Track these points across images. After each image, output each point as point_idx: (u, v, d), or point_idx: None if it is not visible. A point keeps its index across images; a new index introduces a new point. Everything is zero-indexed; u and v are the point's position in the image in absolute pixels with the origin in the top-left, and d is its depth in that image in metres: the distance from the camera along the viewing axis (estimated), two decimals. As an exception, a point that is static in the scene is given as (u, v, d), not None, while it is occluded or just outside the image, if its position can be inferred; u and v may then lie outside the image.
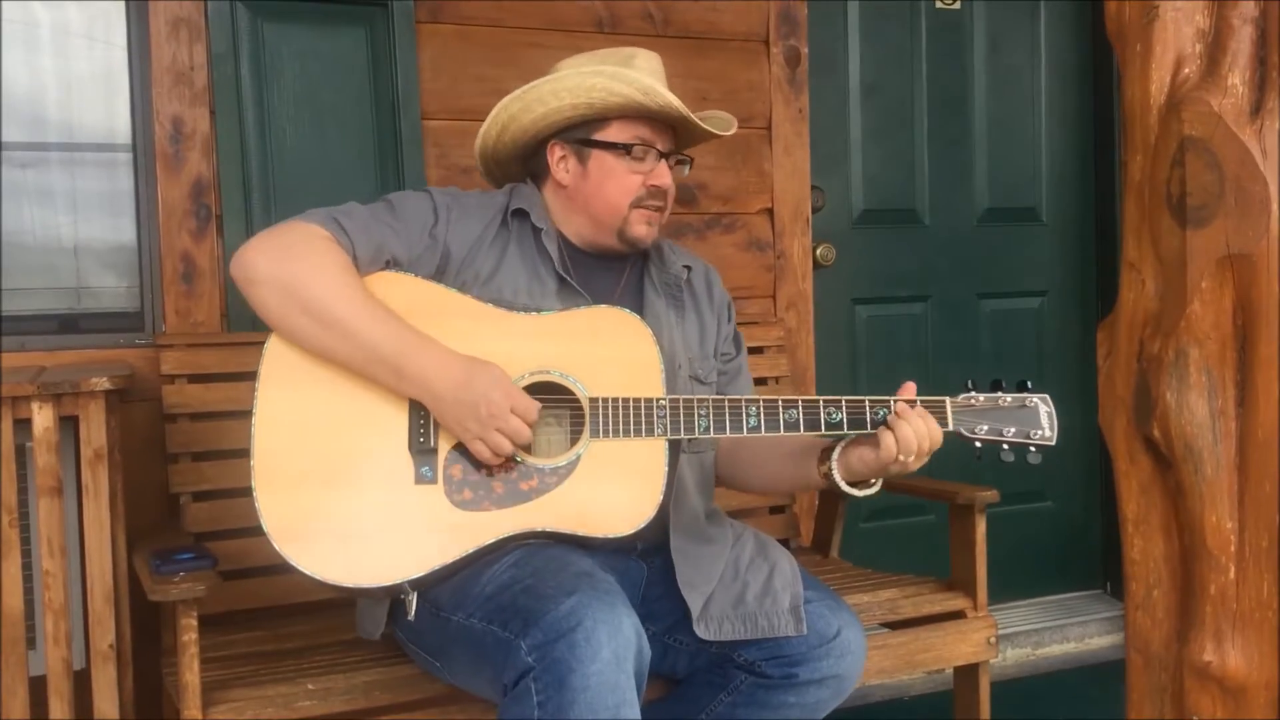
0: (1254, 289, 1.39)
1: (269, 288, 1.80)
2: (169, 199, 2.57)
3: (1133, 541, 1.56)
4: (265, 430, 1.80)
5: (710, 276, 2.20)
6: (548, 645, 1.62)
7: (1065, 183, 3.73)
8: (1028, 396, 1.84)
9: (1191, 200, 1.40)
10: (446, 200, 1.98)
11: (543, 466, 1.83)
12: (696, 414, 1.84)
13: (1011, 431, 1.82)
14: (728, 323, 2.19)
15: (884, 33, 3.46)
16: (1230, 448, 1.43)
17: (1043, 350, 3.72)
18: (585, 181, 1.99)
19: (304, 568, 1.76)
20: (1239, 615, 1.43)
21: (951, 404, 1.86)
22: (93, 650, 2.07)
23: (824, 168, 3.32)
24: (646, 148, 1.98)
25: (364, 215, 1.90)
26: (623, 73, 1.92)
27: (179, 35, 2.56)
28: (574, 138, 1.99)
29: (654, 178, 1.99)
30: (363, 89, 2.70)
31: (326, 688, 1.96)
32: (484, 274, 1.94)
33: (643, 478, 1.83)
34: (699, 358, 2.08)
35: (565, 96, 1.94)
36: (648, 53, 2.01)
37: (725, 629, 1.94)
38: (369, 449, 1.81)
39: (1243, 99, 1.39)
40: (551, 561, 1.78)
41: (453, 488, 1.81)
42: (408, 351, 1.79)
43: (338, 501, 1.79)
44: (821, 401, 1.85)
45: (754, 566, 2.00)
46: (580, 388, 1.85)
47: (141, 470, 2.42)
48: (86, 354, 2.50)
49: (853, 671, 1.97)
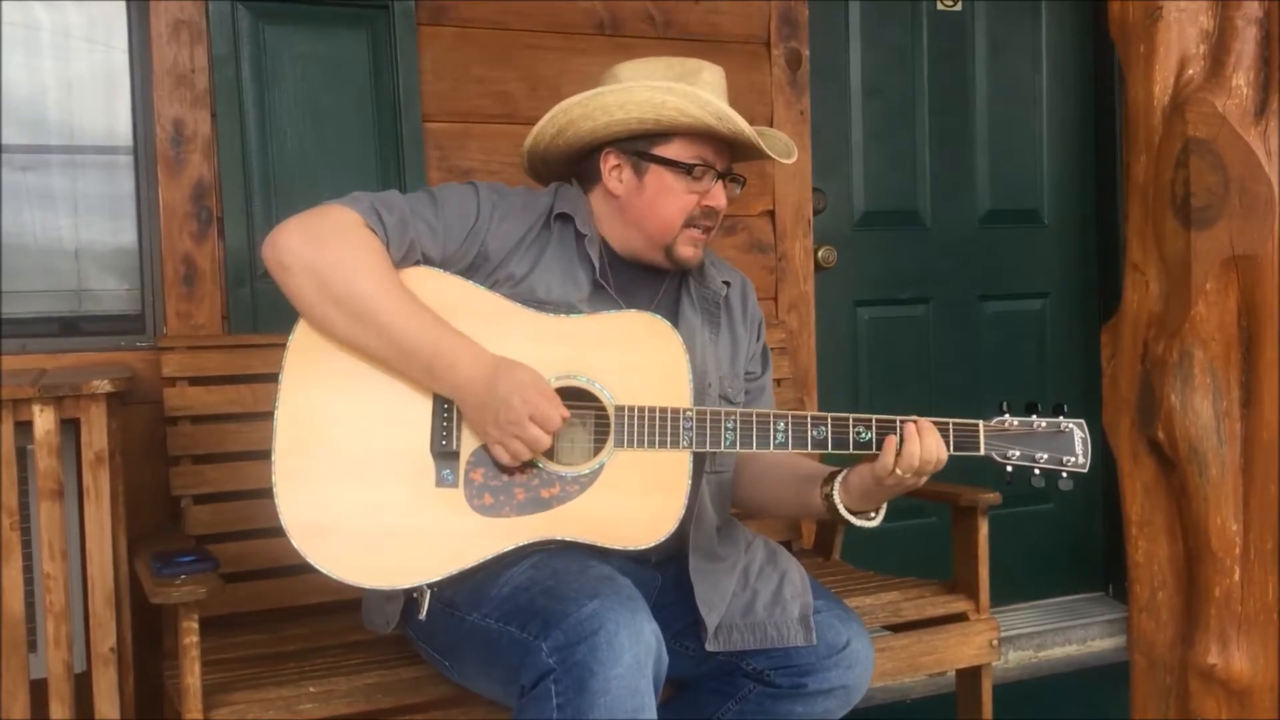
0: (1259, 290, 1.39)
1: (302, 275, 1.77)
2: (170, 201, 2.56)
3: (1136, 544, 1.56)
4: (287, 426, 1.79)
5: (747, 291, 2.16)
6: (569, 648, 1.61)
7: (1067, 184, 3.72)
8: (1063, 422, 1.81)
9: (1196, 201, 1.40)
10: (492, 198, 1.93)
11: (565, 474, 1.82)
12: (724, 427, 1.82)
13: (1045, 458, 1.81)
14: (757, 340, 2.16)
15: (885, 34, 3.46)
16: (1235, 450, 1.42)
17: (1044, 352, 3.71)
18: (639, 196, 1.94)
19: (320, 566, 1.76)
20: (1244, 618, 1.42)
21: (985, 428, 1.83)
22: (93, 653, 2.06)
23: (825, 170, 3.32)
24: (706, 168, 1.93)
25: (403, 209, 1.85)
26: (695, 94, 1.86)
27: (180, 37, 2.56)
28: (632, 149, 1.94)
29: (710, 198, 1.95)
30: (364, 91, 2.70)
31: (328, 690, 1.95)
32: (518, 275, 1.90)
33: (665, 491, 1.81)
34: (729, 376, 2.05)
35: (633, 110, 1.88)
36: (713, 67, 1.96)
37: (735, 639, 1.93)
38: (390, 450, 1.80)
39: (1247, 100, 1.39)
40: (571, 564, 1.77)
41: (473, 492, 1.80)
42: (441, 350, 1.77)
43: (358, 502, 1.78)
44: (851, 419, 1.82)
45: (764, 575, 1.99)
46: (606, 394, 1.83)
47: (143, 473, 2.42)
48: (87, 356, 2.50)
49: (860, 682, 1.96)
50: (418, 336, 1.77)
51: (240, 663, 2.11)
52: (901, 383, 3.52)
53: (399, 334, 1.77)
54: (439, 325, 1.79)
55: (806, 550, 2.86)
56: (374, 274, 1.78)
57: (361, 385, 1.81)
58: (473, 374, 1.77)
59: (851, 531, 2.96)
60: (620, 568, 1.84)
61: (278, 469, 1.77)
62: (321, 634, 2.26)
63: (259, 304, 2.59)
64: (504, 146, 2.81)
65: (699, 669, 1.99)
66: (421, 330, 1.78)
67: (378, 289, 1.77)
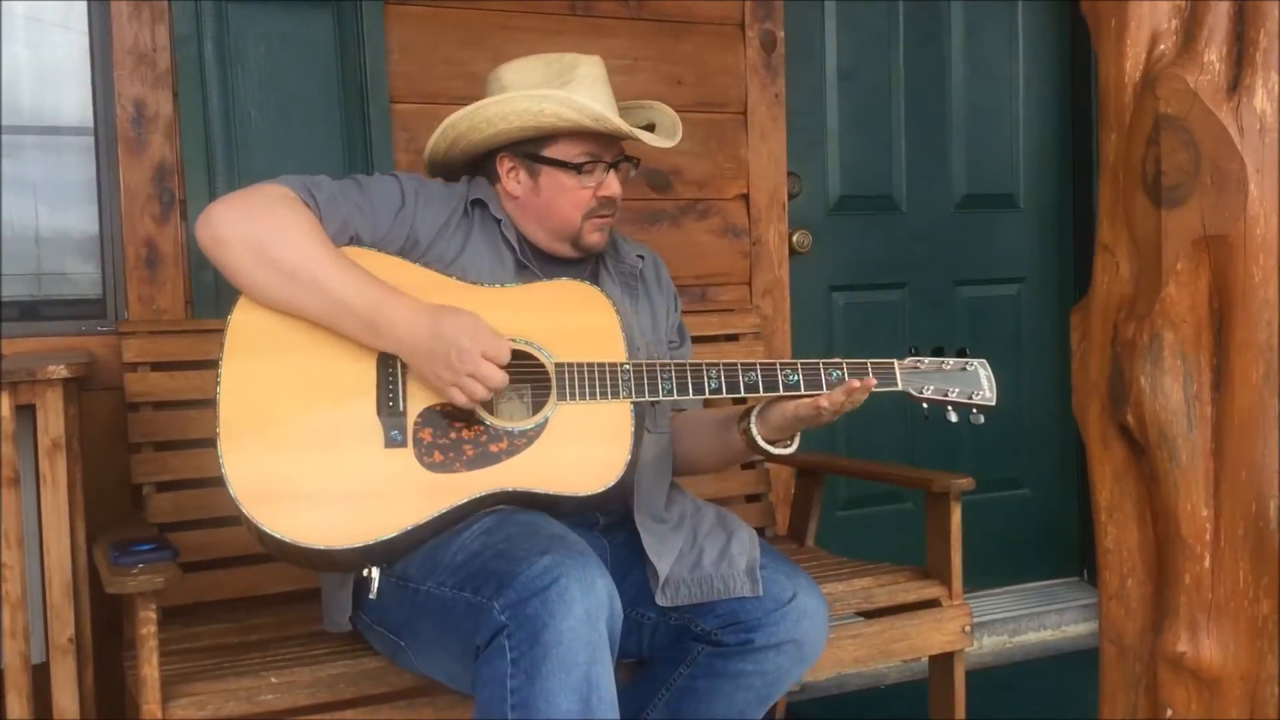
0: (1230, 271, 1.37)
1: (240, 246, 1.80)
2: (131, 183, 2.52)
3: (1106, 530, 1.54)
4: (231, 399, 1.79)
5: (659, 267, 2.24)
6: (521, 603, 1.64)
7: (1043, 169, 3.71)
8: (967, 361, 1.98)
9: (1166, 180, 1.37)
10: (414, 185, 1.99)
11: (512, 429, 1.85)
12: (660, 376, 1.88)
13: (955, 392, 1.95)
14: (675, 311, 2.24)
15: (861, 17, 3.43)
16: (1205, 433, 1.40)
17: (1020, 337, 3.70)
18: (536, 196, 2.02)
19: (275, 530, 1.74)
20: (1214, 605, 1.41)
21: (899, 365, 1.97)
22: (51, 644, 2.03)
23: (800, 154, 3.29)
24: (595, 162, 2.01)
25: (332, 189, 1.91)
26: (569, 99, 1.93)
27: (141, 15, 2.51)
28: (523, 151, 2.02)
29: (603, 189, 2.02)
30: (330, 72, 2.65)
31: (290, 681, 1.92)
32: (448, 257, 1.97)
33: (610, 438, 1.86)
34: (653, 342, 2.13)
35: (514, 120, 1.97)
36: (589, 59, 2.03)
37: (682, 594, 1.96)
38: (337, 414, 1.81)
39: (1219, 76, 1.37)
40: (523, 527, 1.79)
41: (423, 450, 1.82)
42: (380, 304, 1.80)
43: (308, 467, 1.78)
44: (779, 364, 1.91)
45: (712, 535, 2.03)
46: (545, 354, 1.88)
47: (104, 460, 2.38)
48: (48, 342, 2.45)
49: (810, 637, 1.96)
50: (357, 294, 1.80)
51: (202, 653, 2.08)
52: (877, 368, 3.49)
53: (339, 293, 1.80)
54: (376, 283, 1.82)
55: (781, 537, 2.84)
56: (310, 237, 1.82)
57: (303, 354, 1.83)
58: (414, 323, 1.80)
59: (827, 518, 2.98)
60: None
61: (223, 441, 1.76)
62: (286, 624, 2.22)
63: (222, 288, 2.53)
64: (473, 128, 2.77)
65: (653, 639, 2.01)
66: (359, 287, 1.81)
67: (313, 250, 1.81)
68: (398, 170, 2.58)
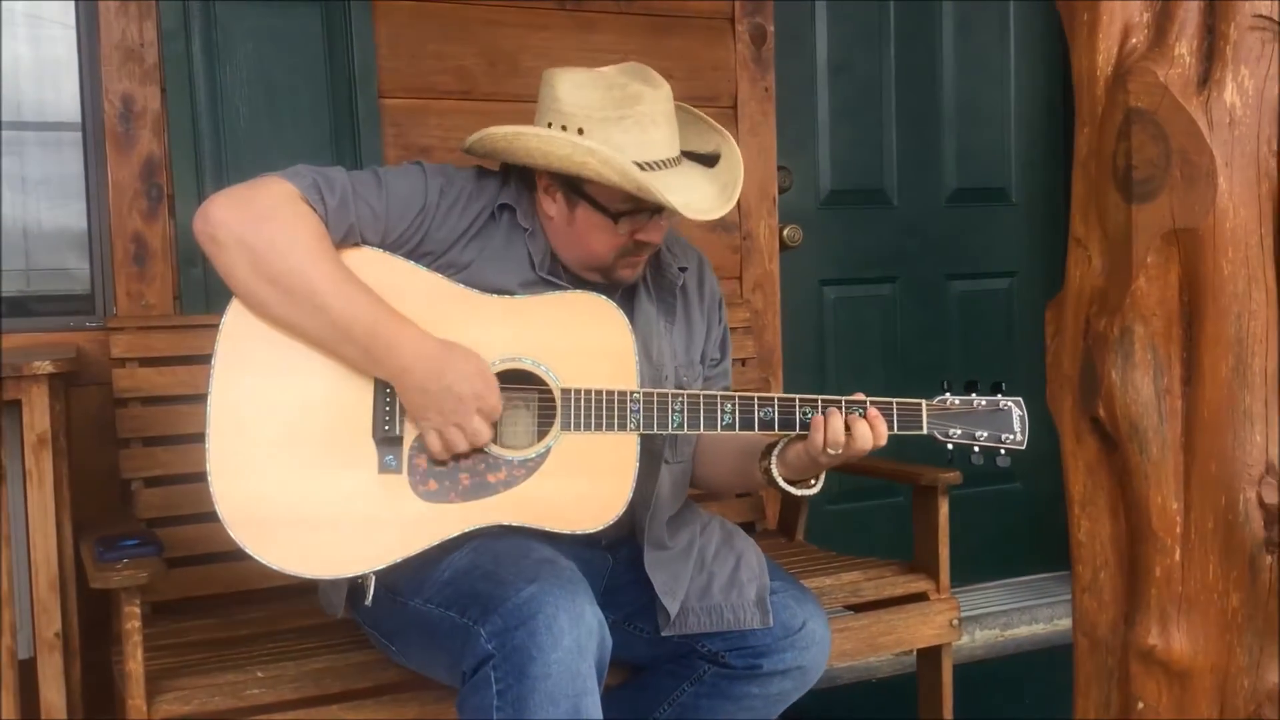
0: (1200, 264, 1.37)
1: (236, 251, 1.69)
2: (119, 179, 2.52)
3: (1079, 523, 1.54)
4: (221, 414, 1.73)
5: (704, 271, 2.10)
6: (508, 632, 1.59)
7: (1035, 163, 3.70)
8: (1001, 400, 1.86)
9: (1137, 174, 1.37)
10: (439, 183, 1.85)
11: (511, 459, 1.78)
12: (671, 409, 1.78)
13: (984, 435, 1.85)
14: (718, 325, 2.10)
15: (852, 11, 3.43)
16: (1176, 427, 1.41)
17: (1011, 331, 3.70)
18: (571, 225, 1.86)
19: (261, 557, 1.71)
20: (1184, 598, 1.41)
21: (927, 407, 1.84)
22: (38, 640, 2.03)
23: (791, 148, 3.29)
24: (636, 212, 1.83)
25: (346, 189, 1.77)
26: (615, 160, 1.75)
27: (128, 12, 2.51)
28: (563, 179, 1.84)
29: (642, 234, 1.85)
30: (318, 67, 2.65)
31: (276, 675, 1.93)
32: (461, 263, 1.84)
33: (612, 475, 1.78)
34: (685, 365, 2.00)
35: (554, 161, 1.80)
36: (654, 93, 1.82)
37: (691, 622, 1.91)
38: (331, 436, 1.75)
39: (1190, 69, 1.37)
40: (513, 548, 1.74)
41: (418, 478, 1.76)
42: (380, 332, 1.71)
43: (298, 492, 1.73)
44: (797, 400, 1.80)
45: (720, 558, 1.97)
46: (552, 376, 1.79)
47: (93, 456, 2.38)
48: (36, 337, 2.45)
49: (816, 663, 1.95)
50: (357, 318, 1.71)
51: (189, 648, 2.08)
52: (867, 362, 3.50)
53: (337, 315, 1.71)
54: (379, 307, 1.73)
55: (770, 531, 2.85)
56: (311, 251, 1.71)
57: (298, 370, 1.75)
58: (416, 357, 1.72)
59: (816, 512, 2.98)
60: (570, 551, 1.82)
61: (212, 461, 1.71)
62: (273, 618, 2.23)
63: (211, 284, 2.54)
64: (463, 124, 2.74)
65: (653, 651, 1.97)
66: (361, 312, 1.71)
67: (315, 267, 1.70)
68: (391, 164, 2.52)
